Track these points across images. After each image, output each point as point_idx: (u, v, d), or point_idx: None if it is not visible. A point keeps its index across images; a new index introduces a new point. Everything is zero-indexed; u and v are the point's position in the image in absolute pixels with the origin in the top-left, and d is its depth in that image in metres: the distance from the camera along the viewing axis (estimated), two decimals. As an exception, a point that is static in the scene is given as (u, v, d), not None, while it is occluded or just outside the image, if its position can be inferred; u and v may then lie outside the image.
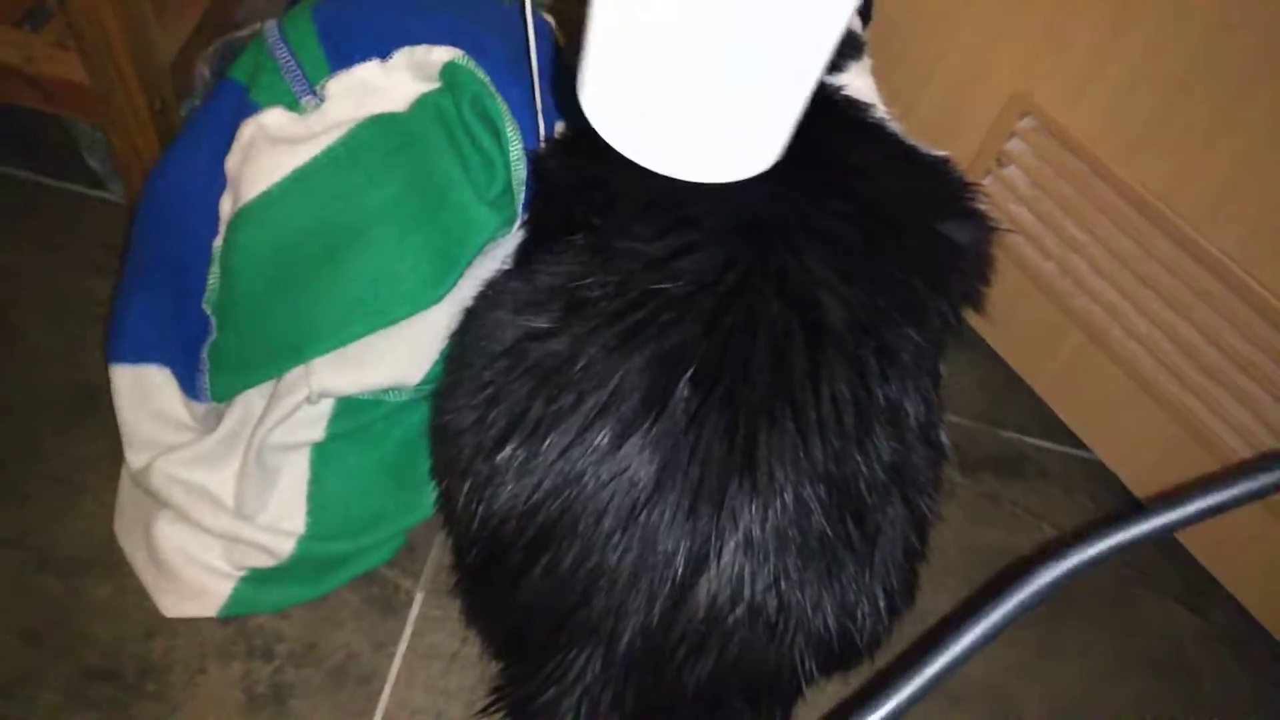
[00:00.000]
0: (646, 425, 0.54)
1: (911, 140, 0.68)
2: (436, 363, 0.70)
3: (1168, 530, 0.33)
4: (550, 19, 0.79)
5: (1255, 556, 0.77)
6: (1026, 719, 0.73)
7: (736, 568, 0.53)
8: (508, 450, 0.56)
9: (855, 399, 0.55)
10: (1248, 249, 0.69)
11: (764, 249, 0.57)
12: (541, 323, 0.58)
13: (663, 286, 0.56)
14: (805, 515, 0.53)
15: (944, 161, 0.66)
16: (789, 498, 0.53)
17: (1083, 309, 0.81)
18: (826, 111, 0.67)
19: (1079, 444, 0.87)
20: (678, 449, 0.53)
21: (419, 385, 0.71)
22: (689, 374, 0.54)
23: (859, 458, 0.55)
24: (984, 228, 0.64)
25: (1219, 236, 0.70)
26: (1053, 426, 0.88)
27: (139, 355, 0.71)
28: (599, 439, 0.54)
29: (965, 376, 0.91)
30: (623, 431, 0.54)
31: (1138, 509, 0.32)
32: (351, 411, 0.71)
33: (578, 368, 0.55)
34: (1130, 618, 0.79)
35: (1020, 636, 0.77)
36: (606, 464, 0.54)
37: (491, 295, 0.65)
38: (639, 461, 0.53)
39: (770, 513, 0.53)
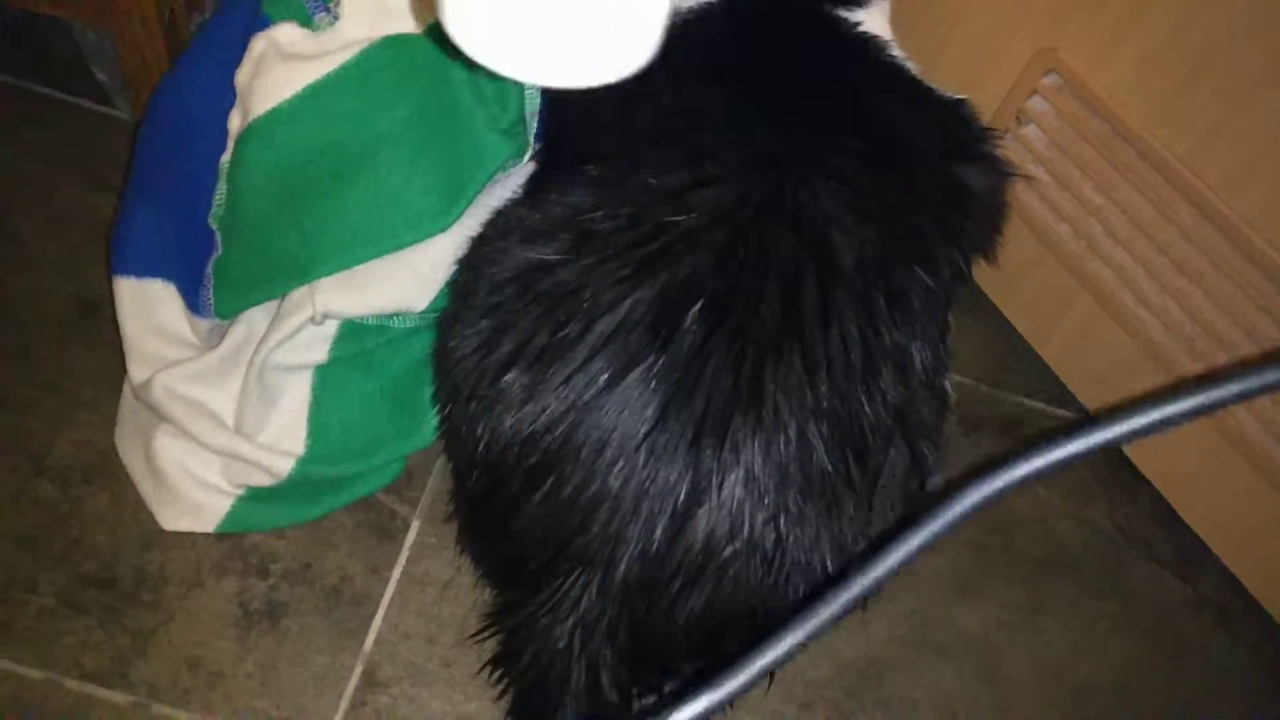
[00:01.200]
0: (652, 356, 0.53)
1: (929, 82, 0.66)
2: (442, 291, 0.69)
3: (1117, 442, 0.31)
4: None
5: (1248, 526, 0.77)
6: (1010, 675, 0.73)
7: (736, 502, 0.53)
8: (512, 376, 0.56)
9: (864, 340, 0.55)
10: (1270, 217, 0.68)
11: (779, 186, 0.57)
12: (550, 253, 0.58)
13: (676, 219, 0.56)
14: (807, 453, 0.53)
15: (961, 104, 0.65)
16: (792, 434, 0.53)
17: (1095, 274, 0.80)
18: (843, 49, 0.66)
19: (1081, 410, 0.87)
20: (683, 381, 0.53)
21: (423, 313, 0.70)
22: (698, 306, 0.53)
23: (864, 399, 0.55)
24: (1000, 174, 0.64)
25: (1241, 203, 0.69)
26: (1055, 392, 0.88)
27: (143, 269, 0.71)
28: (604, 368, 0.54)
29: (970, 337, 0.90)
30: (629, 361, 0.54)
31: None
32: (355, 335, 0.71)
33: (586, 297, 0.55)
34: (1119, 582, 0.79)
35: (1009, 594, 0.77)
36: (611, 393, 0.53)
37: (500, 223, 0.64)
38: (643, 391, 0.53)
39: (772, 448, 0.53)
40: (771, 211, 0.56)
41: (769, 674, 0.65)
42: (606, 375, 0.54)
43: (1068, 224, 0.81)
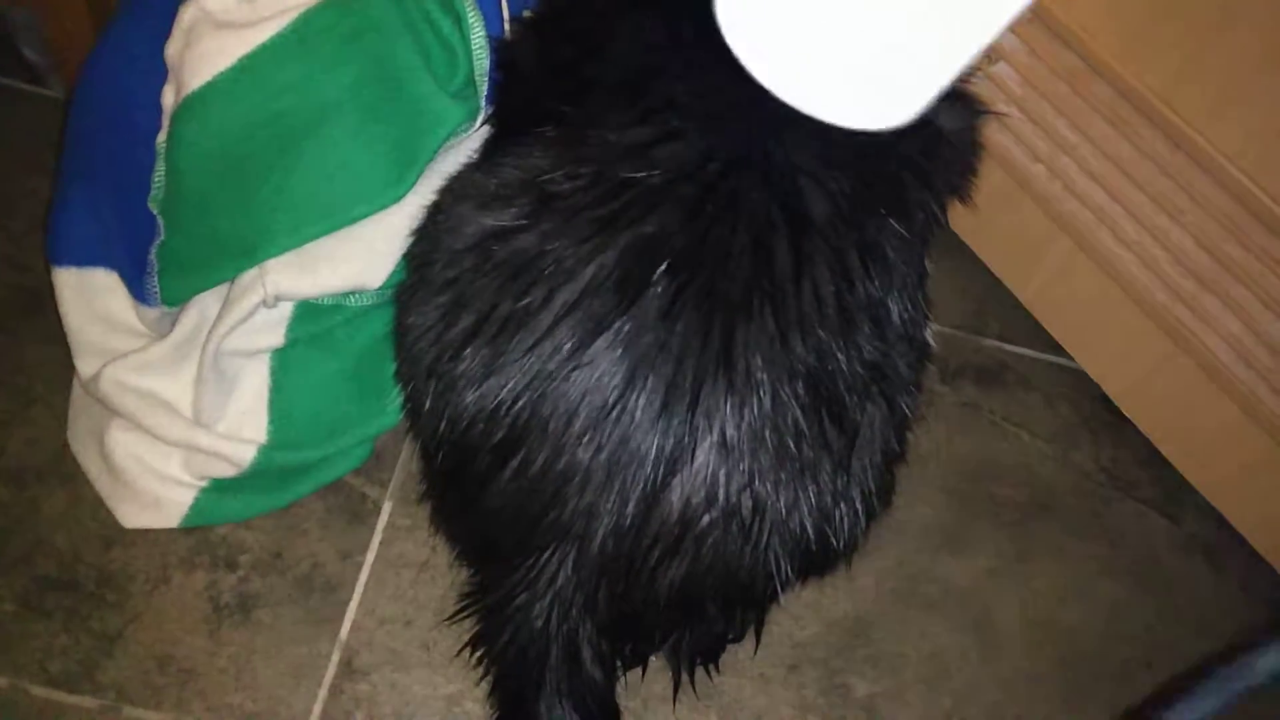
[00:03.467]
0: (619, 320, 0.51)
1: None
2: (399, 265, 0.67)
3: None
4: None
5: (1233, 463, 0.77)
6: (999, 625, 0.73)
7: (711, 468, 0.51)
8: (472, 349, 0.54)
9: (838, 295, 0.53)
10: (1248, 151, 0.66)
11: (747, 136, 0.54)
12: (508, 219, 0.55)
13: (638, 176, 0.53)
14: (783, 415, 0.51)
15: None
16: (766, 396, 0.51)
17: (1072, 214, 0.78)
18: None
19: (1062, 352, 0.85)
20: (651, 345, 0.51)
21: (381, 289, 0.68)
22: (664, 266, 0.51)
23: (840, 356, 0.53)
24: (972, 113, 0.61)
25: (1219, 138, 0.67)
26: (1036, 335, 0.86)
27: (83, 257, 0.67)
28: (569, 335, 0.52)
29: (947, 283, 0.88)
30: (594, 327, 0.51)
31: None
32: (312, 316, 0.68)
33: (547, 263, 0.53)
34: (1105, 524, 0.79)
35: (995, 542, 0.76)
36: (577, 361, 0.51)
37: (455, 189, 0.61)
38: (611, 358, 0.51)
39: (747, 412, 0.51)
40: (739, 164, 0.53)
41: (757, 635, 0.64)
42: (571, 343, 0.52)
43: (1043, 164, 0.79)
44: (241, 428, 0.67)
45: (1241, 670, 0.27)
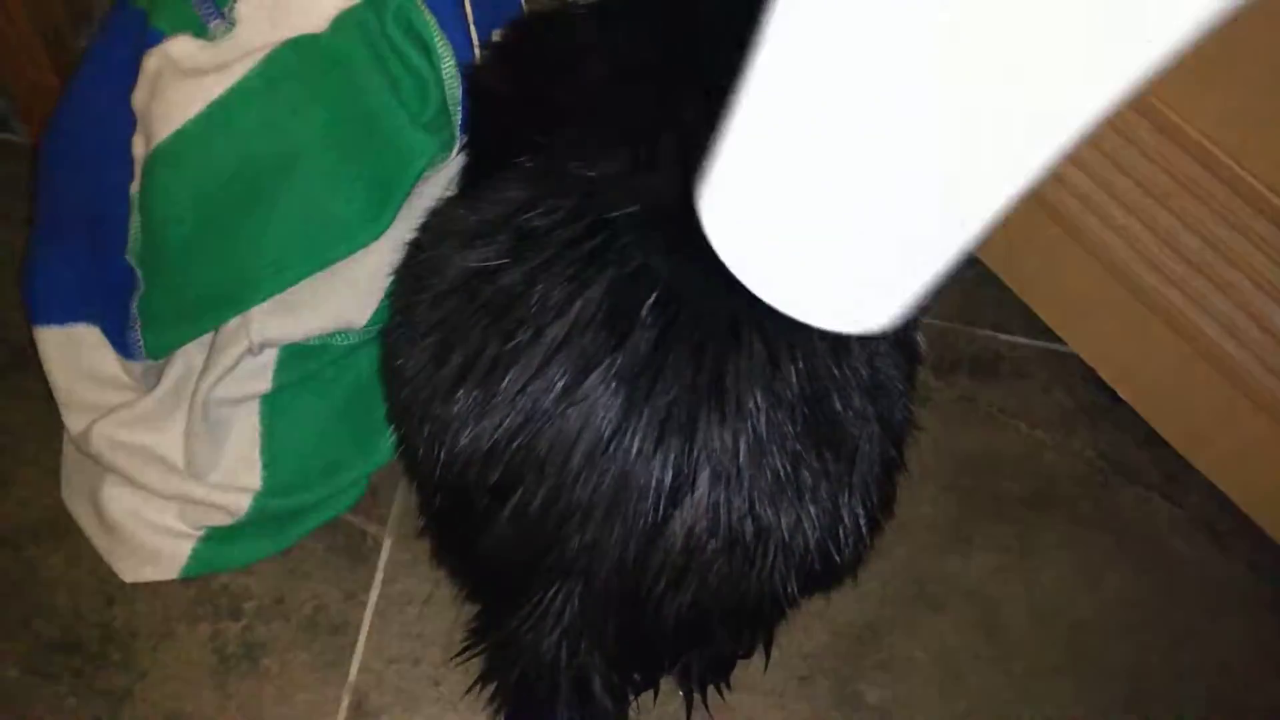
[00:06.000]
0: (610, 356, 0.50)
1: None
2: (383, 302, 0.66)
3: None
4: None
5: (1232, 443, 0.77)
6: (1008, 622, 0.73)
7: (712, 498, 0.51)
8: (464, 391, 0.53)
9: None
10: (1229, 132, 0.65)
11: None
12: (490, 258, 0.55)
13: (618, 210, 0.52)
14: (779, 439, 0.51)
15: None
16: (762, 423, 0.50)
17: (1059, 201, 0.78)
18: None
19: (1056, 338, 0.85)
20: (644, 379, 0.50)
21: (366, 326, 0.67)
22: (652, 299, 0.50)
23: (833, 374, 0.52)
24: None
25: (1200, 119, 0.67)
26: (1029, 322, 0.86)
27: (64, 315, 0.67)
28: (561, 373, 0.51)
29: (938, 278, 0.88)
30: (585, 364, 0.51)
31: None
32: (299, 359, 0.68)
33: (534, 301, 0.52)
34: (1108, 511, 0.79)
35: (1000, 536, 0.76)
36: (570, 398, 0.51)
37: (435, 225, 0.60)
38: (604, 394, 0.51)
39: (743, 439, 0.50)
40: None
41: (766, 651, 0.64)
42: (564, 381, 0.51)
43: (1025, 153, 0.79)
44: (235, 476, 0.67)
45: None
